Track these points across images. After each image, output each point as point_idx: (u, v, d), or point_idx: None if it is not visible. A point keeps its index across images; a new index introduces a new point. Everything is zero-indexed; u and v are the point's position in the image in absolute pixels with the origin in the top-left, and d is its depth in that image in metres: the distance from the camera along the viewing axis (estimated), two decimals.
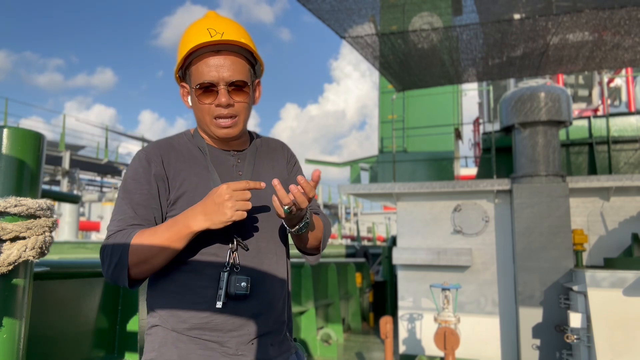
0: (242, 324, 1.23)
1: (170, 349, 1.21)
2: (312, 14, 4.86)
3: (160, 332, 1.24)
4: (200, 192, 1.25)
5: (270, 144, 1.48)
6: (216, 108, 1.26)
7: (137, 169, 1.27)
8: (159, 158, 1.29)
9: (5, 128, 0.92)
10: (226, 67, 1.25)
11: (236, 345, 1.21)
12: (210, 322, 1.21)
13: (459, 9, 4.96)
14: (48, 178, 15.02)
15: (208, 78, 1.24)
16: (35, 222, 0.90)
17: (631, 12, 4.65)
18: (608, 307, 4.44)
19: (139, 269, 1.18)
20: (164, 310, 1.24)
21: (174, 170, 1.28)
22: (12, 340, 0.89)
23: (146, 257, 1.16)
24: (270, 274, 1.30)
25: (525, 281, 5.65)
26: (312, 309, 6.20)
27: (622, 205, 5.94)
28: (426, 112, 10.48)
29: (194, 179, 1.28)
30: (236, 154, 1.37)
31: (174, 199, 1.27)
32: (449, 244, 6.34)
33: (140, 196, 1.24)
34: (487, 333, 6.08)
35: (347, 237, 22.92)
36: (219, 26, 1.27)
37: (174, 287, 1.24)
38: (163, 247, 1.16)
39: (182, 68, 1.32)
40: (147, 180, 1.26)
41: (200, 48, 1.25)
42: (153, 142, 1.35)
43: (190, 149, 1.34)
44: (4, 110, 14.44)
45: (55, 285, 2.03)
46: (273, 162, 1.43)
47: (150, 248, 1.16)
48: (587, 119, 7.68)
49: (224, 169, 1.33)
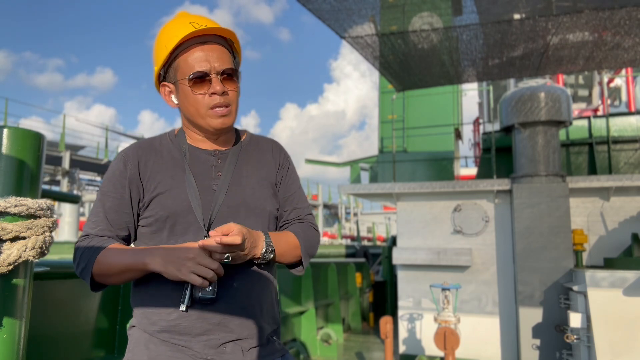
0: (210, 329, 1.19)
1: (141, 350, 1.21)
2: (312, 14, 4.85)
3: (136, 333, 1.25)
4: (174, 194, 1.24)
5: (260, 144, 1.42)
6: (211, 98, 1.25)
7: (115, 171, 1.29)
8: (135, 160, 1.29)
9: (5, 128, 0.92)
10: (215, 56, 1.25)
11: (205, 349, 1.19)
12: (178, 325, 1.19)
13: (459, 9, 4.96)
14: (48, 178, 15.02)
15: (199, 68, 1.23)
16: (35, 222, 0.90)
17: (631, 12, 4.65)
18: (608, 307, 4.44)
19: (102, 279, 1.23)
20: (140, 312, 1.25)
21: (150, 173, 1.28)
22: (12, 340, 0.89)
23: (107, 274, 1.21)
24: (246, 278, 1.25)
25: (525, 281, 5.65)
26: (312, 309, 6.20)
27: (622, 205, 5.94)
28: (426, 112, 10.48)
29: (168, 181, 1.27)
30: (217, 154, 1.33)
31: (148, 201, 1.26)
32: (449, 244, 6.34)
33: (113, 200, 1.26)
34: (487, 333, 6.08)
35: (347, 237, 22.94)
36: (199, 20, 1.27)
37: (150, 289, 1.23)
38: (121, 271, 1.20)
39: (165, 66, 1.30)
40: (122, 184, 1.27)
41: (186, 41, 1.24)
42: (135, 143, 1.35)
43: (170, 149, 1.33)
44: (3, 110, 14.45)
45: (55, 285, 2.03)
46: (259, 164, 1.37)
47: (111, 267, 1.19)
48: (587, 119, 7.68)
49: (202, 170, 1.30)
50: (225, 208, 1.26)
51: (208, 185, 1.28)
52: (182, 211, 1.24)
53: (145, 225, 1.27)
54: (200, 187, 1.27)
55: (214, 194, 1.27)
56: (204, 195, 1.26)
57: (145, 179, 1.28)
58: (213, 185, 1.28)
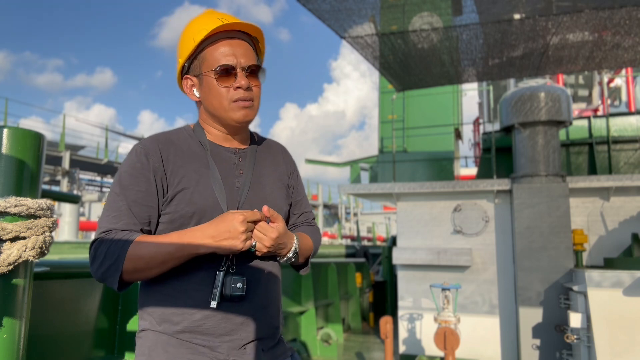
0: (234, 329, 1.19)
1: (159, 354, 1.18)
2: (312, 14, 4.85)
3: (151, 336, 1.20)
4: (201, 190, 1.22)
5: (270, 145, 1.45)
6: (235, 91, 1.25)
7: (135, 164, 1.22)
8: (157, 153, 1.24)
9: (5, 128, 0.92)
10: (241, 52, 1.26)
11: (227, 351, 1.18)
12: (202, 325, 1.18)
13: (459, 9, 4.96)
14: (48, 178, 15.01)
15: (226, 61, 1.24)
16: (35, 222, 0.90)
17: (631, 12, 4.65)
18: (608, 307, 4.44)
19: (132, 276, 1.15)
20: (157, 314, 1.21)
21: (172, 166, 1.24)
22: (12, 340, 0.89)
23: (143, 267, 1.13)
24: (266, 276, 1.27)
25: (525, 281, 5.65)
26: (312, 309, 6.20)
27: (622, 205, 5.95)
28: (426, 112, 10.48)
29: (194, 176, 1.24)
30: (238, 152, 1.33)
31: (172, 196, 1.22)
32: (449, 244, 6.34)
33: (136, 193, 1.19)
34: (487, 333, 6.08)
35: (347, 237, 22.94)
36: (227, 17, 1.29)
37: (167, 290, 1.20)
38: (163, 261, 1.14)
39: (190, 58, 1.30)
40: (145, 176, 1.21)
41: (214, 34, 1.26)
42: (151, 136, 1.29)
43: (190, 144, 1.30)
44: (3, 110, 14.45)
45: (55, 285, 2.03)
46: (274, 165, 1.41)
47: (149, 260, 1.13)
48: (587, 119, 7.69)
49: (225, 167, 1.29)
50: (248, 206, 1.26)
51: (232, 183, 1.28)
52: (208, 207, 1.22)
53: (167, 222, 1.22)
54: (225, 183, 1.26)
55: (238, 191, 1.27)
56: (229, 192, 1.26)
57: (168, 172, 1.23)
58: (236, 183, 1.28)
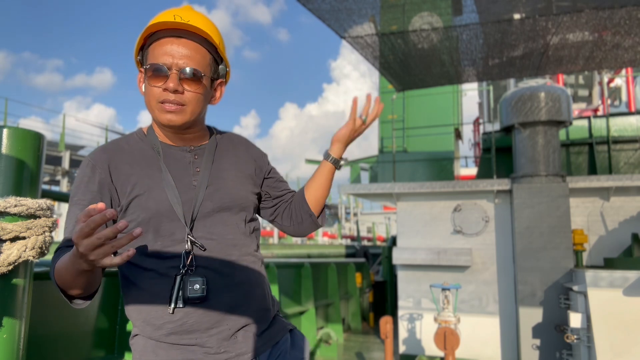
0: (220, 319, 1.19)
1: (150, 358, 1.18)
2: (312, 14, 4.85)
3: (141, 341, 1.21)
4: (154, 195, 1.21)
5: (232, 138, 1.44)
6: (163, 92, 1.20)
7: (82, 178, 1.21)
8: (104, 164, 1.22)
9: (5, 128, 0.92)
10: (183, 53, 1.20)
11: (218, 342, 1.18)
12: (185, 323, 1.17)
13: (459, 9, 4.96)
14: (48, 178, 15.01)
15: (161, 60, 1.19)
16: (35, 222, 0.90)
17: (631, 12, 4.64)
18: (608, 307, 4.44)
19: (74, 292, 1.10)
20: (139, 319, 1.21)
21: (123, 175, 1.22)
22: (12, 340, 0.89)
23: (67, 284, 1.08)
24: (242, 264, 1.26)
25: (525, 281, 5.65)
26: (312, 309, 6.19)
27: (622, 205, 5.95)
28: (426, 112, 10.48)
29: (146, 181, 1.22)
30: (193, 150, 1.31)
31: (126, 205, 1.21)
32: (449, 244, 6.34)
33: (82, 209, 1.15)
34: (487, 333, 6.08)
35: (347, 237, 22.92)
36: (187, 15, 1.22)
37: (144, 296, 1.20)
38: (76, 275, 1.04)
39: (142, 50, 1.27)
40: (91, 191, 1.19)
41: (161, 30, 1.21)
42: (101, 146, 1.28)
43: (142, 148, 1.28)
44: (3, 110, 14.45)
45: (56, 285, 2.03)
46: (235, 157, 1.38)
47: (65, 275, 1.06)
48: (587, 119, 7.68)
49: (179, 167, 1.27)
50: (208, 203, 1.25)
51: (188, 182, 1.26)
52: (165, 211, 1.20)
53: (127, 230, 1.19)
54: (180, 184, 1.24)
55: (194, 189, 1.25)
56: (185, 192, 1.24)
57: (118, 182, 1.22)
58: (193, 182, 1.27)
